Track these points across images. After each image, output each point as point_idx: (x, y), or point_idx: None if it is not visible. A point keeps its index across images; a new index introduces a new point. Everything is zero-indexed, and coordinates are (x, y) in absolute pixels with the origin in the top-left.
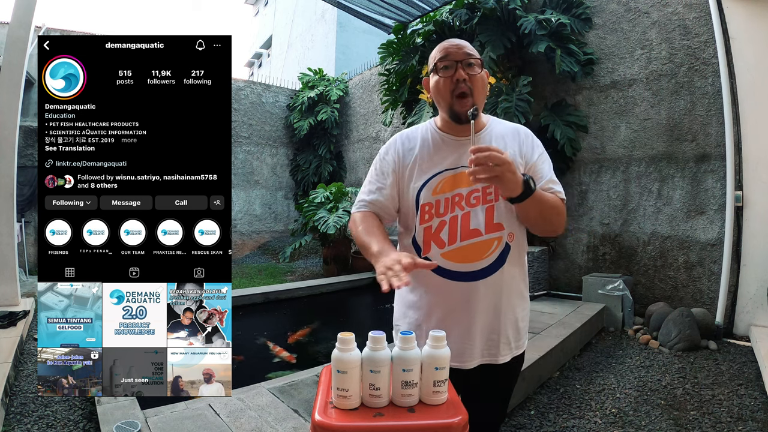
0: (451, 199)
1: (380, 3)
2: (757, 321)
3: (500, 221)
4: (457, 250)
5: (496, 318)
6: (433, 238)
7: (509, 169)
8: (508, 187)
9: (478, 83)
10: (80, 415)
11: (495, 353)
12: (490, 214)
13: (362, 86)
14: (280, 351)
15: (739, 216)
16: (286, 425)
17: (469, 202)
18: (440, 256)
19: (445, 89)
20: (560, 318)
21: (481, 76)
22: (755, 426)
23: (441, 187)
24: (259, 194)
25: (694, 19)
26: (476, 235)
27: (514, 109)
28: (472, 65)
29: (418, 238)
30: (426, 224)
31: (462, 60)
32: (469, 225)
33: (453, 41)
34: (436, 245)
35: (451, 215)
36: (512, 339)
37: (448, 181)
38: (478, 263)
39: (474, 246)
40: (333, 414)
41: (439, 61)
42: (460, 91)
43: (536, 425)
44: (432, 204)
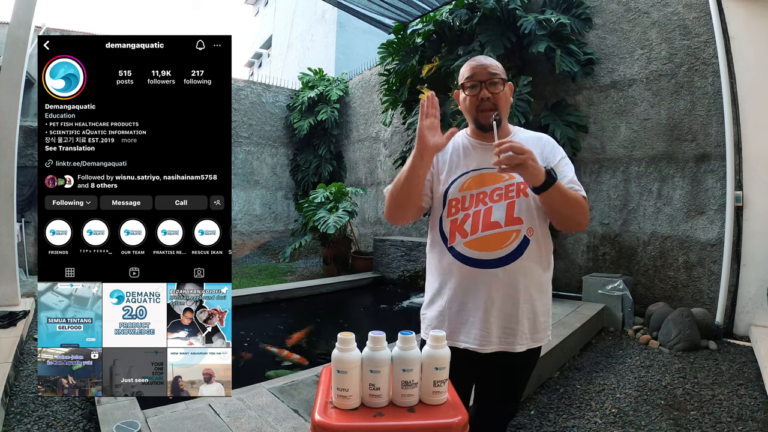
0: (476, 196)
1: (380, 3)
2: (757, 321)
3: (520, 216)
4: (478, 240)
5: (514, 307)
6: (458, 229)
7: (531, 157)
8: (531, 173)
9: (501, 99)
10: (80, 415)
11: (512, 342)
12: (510, 209)
13: (362, 86)
14: (289, 354)
15: (739, 216)
16: (286, 425)
17: (492, 198)
18: (463, 245)
19: (471, 106)
20: (560, 318)
21: (504, 93)
22: (755, 426)
23: (468, 184)
24: (259, 194)
25: (694, 19)
26: (496, 227)
27: (514, 109)
28: (496, 84)
29: (444, 229)
30: (453, 217)
31: (486, 80)
32: (490, 218)
33: (479, 60)
34: (459, 235)
35: (475, 209)
36: (529, 330)
37: (475, 180)
38: (497, 252)
39: (494, 236)
40: (333, 414)
41: (467, 80)
42: (483, 108)
43: (536, 425)
44: (459, 199)
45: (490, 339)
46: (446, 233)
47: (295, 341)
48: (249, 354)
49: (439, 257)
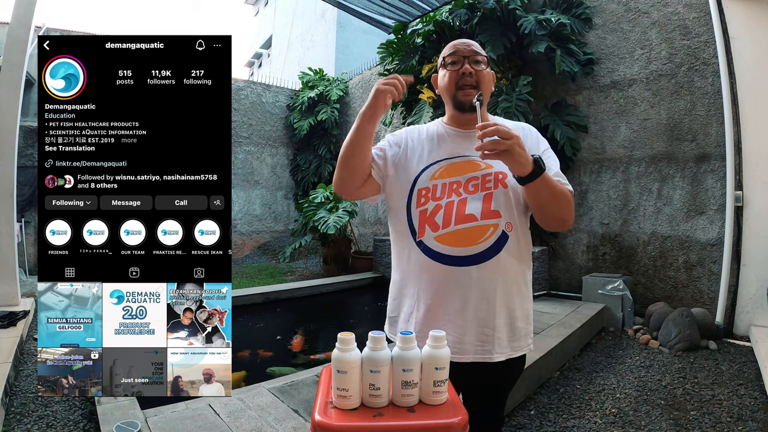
0: (449, 185)
1: (380, 3)
2: (757, 321)
3: (498, 209)
4: (450, 234)
5: (489, 310)
6: (428, 222)
7: (518, 143)
8: (518, 161)
9: (484, 78)
10: (80, 415)
11: (489, 350)
12: (487, 201)
13: (362, 86)
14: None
15: (739, 216)
16: (286, 425)
17: (467, 189)
18: (433, 239)
19: (450, 82)
20: (560, 318)
21: (488, 74)
22: (755, 426)
23: (440, 173)
24: (259, 194)
25: (694, 19)
26: (471, 220)
27: (514, 109)
28: (479, 62)
29: (414, 221)
30: (422, 207)
31: (469, 56)
32: (464, 210)
33: (462, 40)
34: (430, 228)
35: (448, 200)
36: (507, 337)
37: (447, 169)
38: (472, 248)
39: (468, 230)
40: (333, 414)
41: (448, 57)
42: (465, 83)
43: (536, 425)
44: (429, 188)
45: (465, 347)
46: (415, 226)
47: (299, 345)
48: (270, 353)
49: (405, 253)
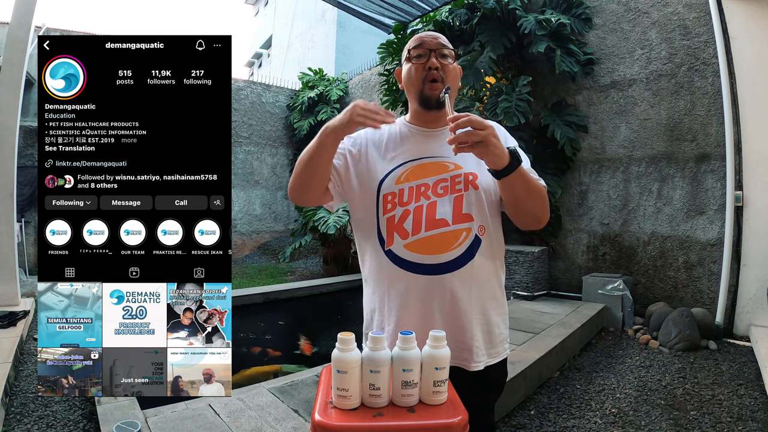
0: (416, 188)
1: (380, 3)
2: (757, 321)
3: (469, 212)
4: (421, 241)
5: (465, 319)
6: (396, 229)
7: (493, 133)
8: (493, 153)
9: (450, 73)
10: (80, 415)
11: (467, 357)
12: (458, 204)
13: (362, 86)
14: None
15: (739, 216)
16: (286, 425)
17: (436, 191)
18: (403, 248)
19: (416, 76)
20: (560, 318)
21: (455, 67)
22: (755, 426)
23: (406, 176)
24: (259, 194)
25: (694, 19)
26: (442, 225)
27: (514, 109)
28: (446, 56)
29: (381, 229)
30: (389, 214)
31: (436, 49)
32: (435, 215)
33: (428, 32)
34: (399, 236)
35: (416, 205)
36: (484, 345)
37: (414, 171)
38: (444, 255)
39: (440, 236)
40: (333, 414)
41: (413, 50)
42: (431, 77)
43: (536, 425)
44: (395, 193)
45: None
46: (383, 234)
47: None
48: (279, 352)
49: (375, 263)
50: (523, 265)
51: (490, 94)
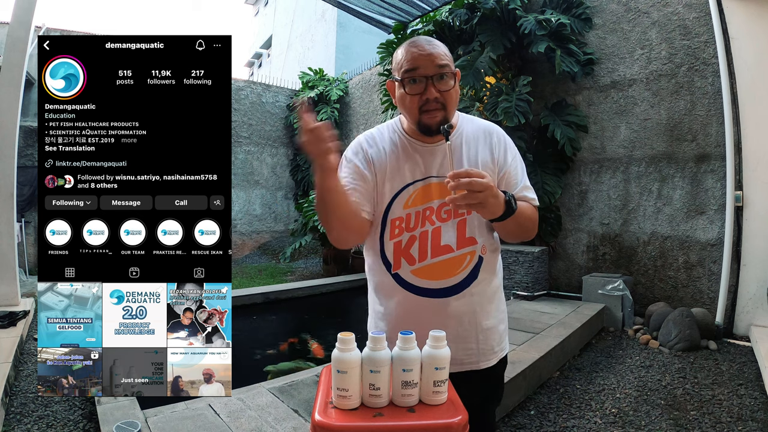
0: (422, 213)
1: (380, 3)
2: (757, 321)
3: (472, 235)
4: (427, 267)
5: (470, 330)
6: (404, 254)
7: (492, 193)
8: (490, 210)
9: (451, 97)
10: (80, 415)
11: (475, 360)
12: (462, 228)
13: (362, 86)
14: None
15: (739, 216)
16: (286, 425)
17: (440, 216)
18: (410, 273)
19: (412, 107)
20: (560, 318)
21: (455, 89)
22: (755, 426)
23: (413, 200)
24: (259, 194)
25: (694, 19)
26: (447, 252)
27: (514, 109)
28: (445, 78)
29: (387, 253)
30: (396, 239)
31: (433, 75)
32: (440, 241)
33: (422, 47)
34: (406, 261)
35: (422, 230)
36: (495, 344)
37: (419, 194)
38: (450, 280)
39: (445, 263)
40: (333, 414)
41: (406, 74)
42: (429, 108)
43: (536, 425)
44: (402, 218)
45: None
46: (389, 258)
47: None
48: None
49: (381, 280)
50: (523, 265)
51: (490, 94)
